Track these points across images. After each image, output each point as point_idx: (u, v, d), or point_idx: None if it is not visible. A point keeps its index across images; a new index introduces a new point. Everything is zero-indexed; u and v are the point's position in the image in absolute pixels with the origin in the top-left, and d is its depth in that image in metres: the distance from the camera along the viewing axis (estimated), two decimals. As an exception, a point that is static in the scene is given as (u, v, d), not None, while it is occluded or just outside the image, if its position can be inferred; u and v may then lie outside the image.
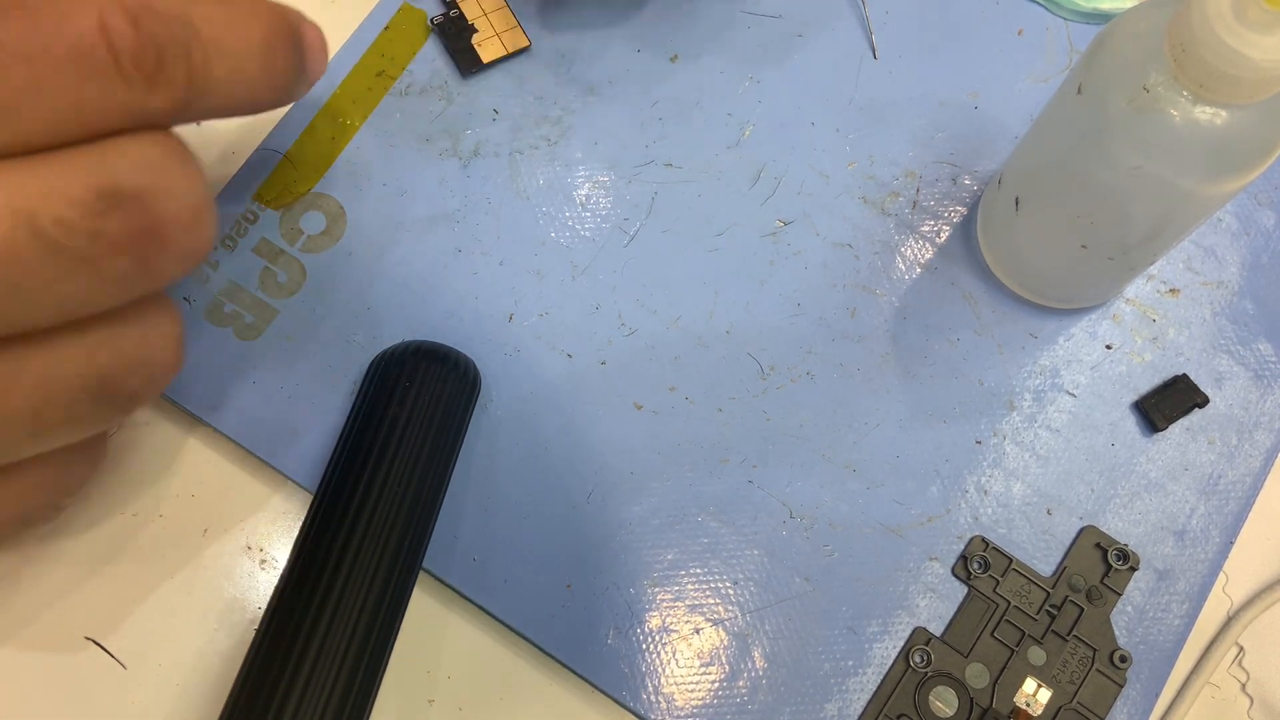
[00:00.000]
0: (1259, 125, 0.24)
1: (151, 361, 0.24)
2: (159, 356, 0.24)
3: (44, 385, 0.22)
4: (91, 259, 0.21)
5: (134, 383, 0.23)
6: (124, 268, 0.21)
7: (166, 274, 0.22)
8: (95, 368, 0.23)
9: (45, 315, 0.21)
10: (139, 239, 0.21)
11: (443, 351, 0.31)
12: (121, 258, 0.21)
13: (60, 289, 0.21)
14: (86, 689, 0.30)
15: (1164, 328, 0.35)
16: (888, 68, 0.37)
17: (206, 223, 0.23)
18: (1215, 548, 0.33)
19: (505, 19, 0.36)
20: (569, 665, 0.31)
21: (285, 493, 0.33)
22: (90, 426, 0.23)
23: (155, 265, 0.22)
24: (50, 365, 0.22)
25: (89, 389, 0.23)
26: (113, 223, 0.21)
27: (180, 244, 0.22)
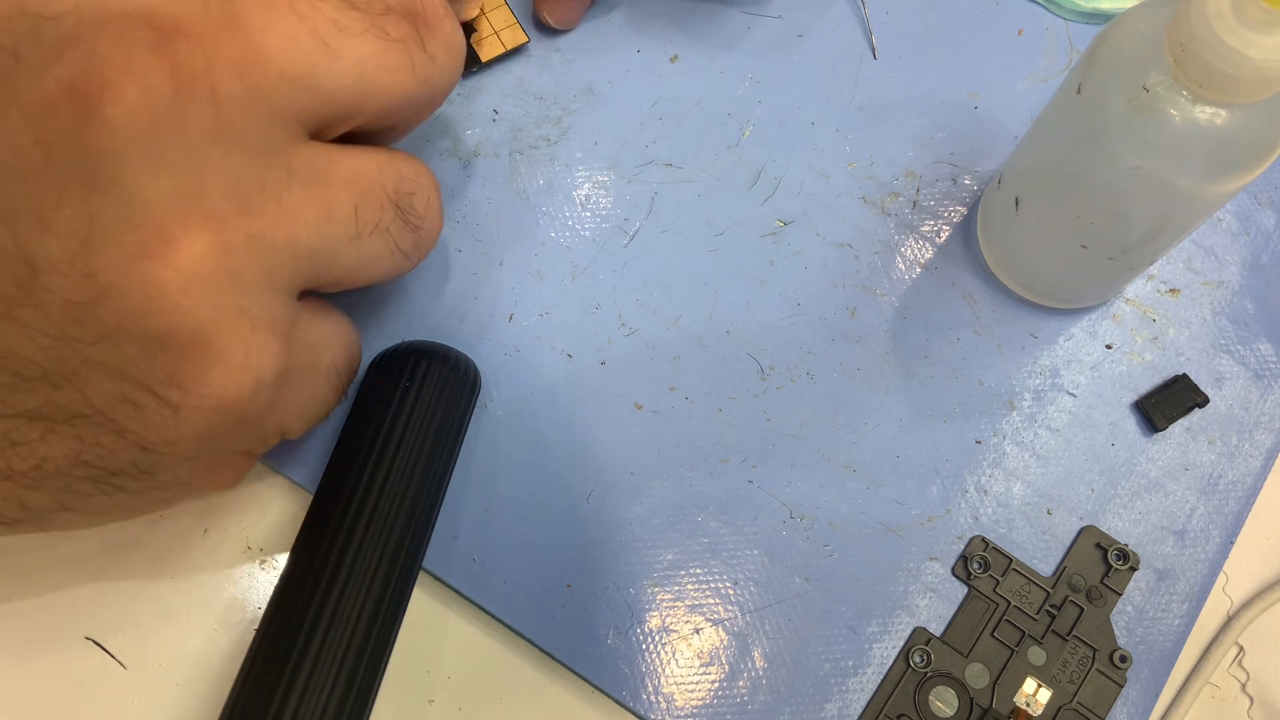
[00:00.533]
0: (1259, 125, 0.24)
1: (424, 188, 0.27)
2: (429, 188, 0.27)
3: (356, 181, 0.24)
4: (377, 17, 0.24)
5: (419, 204, 0.27)
6: (404, 31, 0.24)
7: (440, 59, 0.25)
8: (389, 178, 0.26)
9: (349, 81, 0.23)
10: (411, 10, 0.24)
11: (443, 351, 0.31)
12: (400, 21, 0.24)
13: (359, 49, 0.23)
14: (86, 689, 0.30)
15: (1164, 328, 0.35)
16: (888, 68, 0.37)
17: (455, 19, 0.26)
18: (1215, 548, 0.33)
19: (504, 17, 0.36)
20: (569, 665, 0.31)
21: (285, 493, 0.33)
22: (394, 248, 0.26)
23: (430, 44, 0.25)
24: (356, 164, 0.25)
25: (389, 194, 0.25)
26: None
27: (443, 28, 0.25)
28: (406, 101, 0.25)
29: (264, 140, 0.22)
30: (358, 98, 0.24)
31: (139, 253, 0.21)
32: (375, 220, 0.25)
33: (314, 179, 0.24)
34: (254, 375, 0.23)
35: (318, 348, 0.26)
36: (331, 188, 0.24)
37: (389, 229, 0.26)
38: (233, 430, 0.24)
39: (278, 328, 0.23)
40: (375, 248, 0.25)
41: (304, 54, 0.22)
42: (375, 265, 0.26)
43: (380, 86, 0.24)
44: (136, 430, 0.22)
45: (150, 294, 0.21)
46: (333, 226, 0.24)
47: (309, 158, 0.24)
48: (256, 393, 0.23)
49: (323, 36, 0.23)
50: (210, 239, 0.21)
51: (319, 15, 0.23)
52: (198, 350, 0.22)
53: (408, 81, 0.25)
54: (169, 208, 0.21)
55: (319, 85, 0.23)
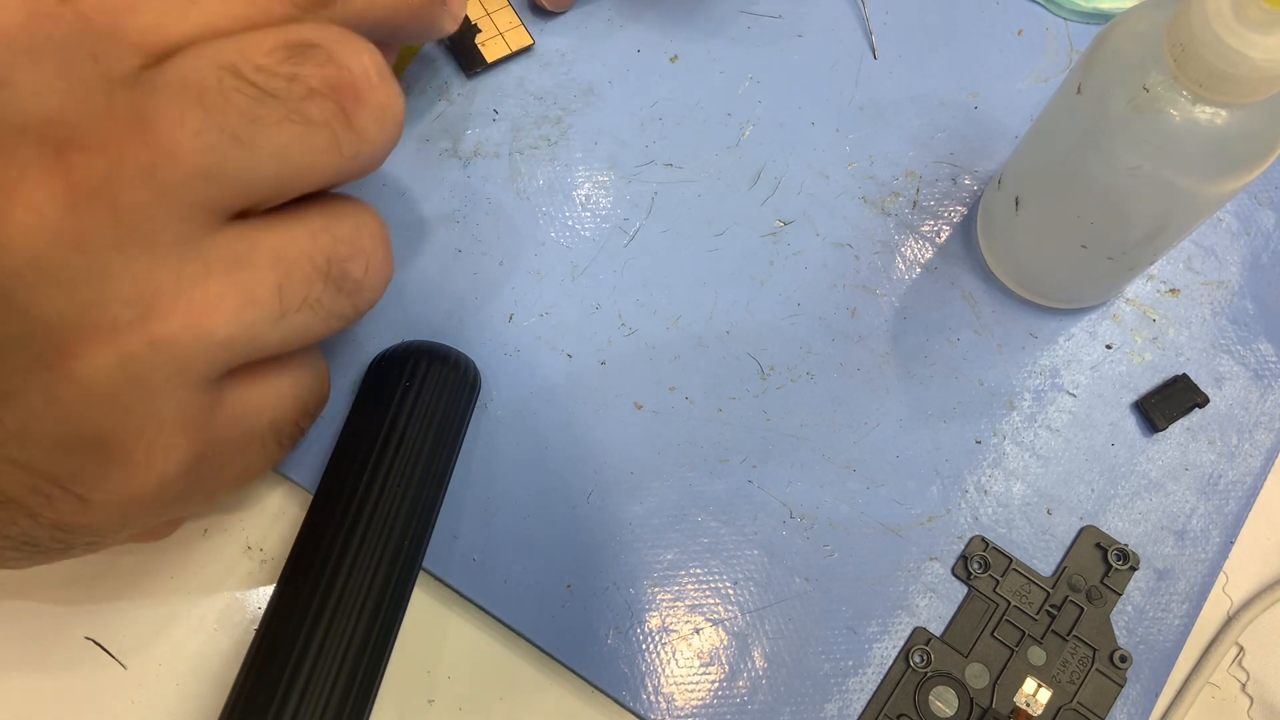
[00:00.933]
0: (1259, 125, 0.24)
1: (366, 251, 0.26)
2: (371, 248, 0.26)
3: (280, 260, 0.24)
4: (296, 102, 0.23)
5: (356, 270, 0.25)
6: (328, 112, 0.23)
7: (370, 134, 0.24)
8: (321, 248, 0.24)
9: (268, 170, 0.23)
10: (335, 88, 0.23)
11: (443, 351, 0.31)
12: (324, 102, 0.23)
13: (276, 138, 0.22)
14: (86, 689, 0.30)
15: (1164, 327, 0.35)
16: (888, 68, 0.37)
17: (392, 83, 0.25)
18: (1215, 548, 0.33)
19: (508, 18, 0.36)
20: (569, 665, 0.31)
21: (285, 493, 0.33)
22: (327, 314, 0.25)
23: (358, 120, 0.24)
24: (282, 241, 0.24)
25: (319, 267, 0.24)
26: (307, 68, 0.23)
27: (374, 99, 0.24)
28: (335, 178, 0.24)
29: (177, 237, 0.22)
30: (278, 183, 0.23)
31: (35, 364, 0.21)
32: (303, 296, 0.24)
33: (233, 265, 0.23)
34: (157, 475, 0.23)
35: (252, 416, 0.26)
36: (252, 270, 0.23)
37: (319, 300, 0.25)
38: (146, 515, 0.24)
39: (190, 421, 0.23)
40: (304, 320, 0.25)
41: (215, 149, 0.22)
42: (307, 334, 0.25)
43: (304, 169, 0.23)
44: (50, 516, 0.23)
45: (49, 403, 0.21)
46: (253, 310, 0.23)
47: (229, 243, 0.23)
48: (161, 489, 0.23)
49: (234, 131, 0.22)
50: (110, 350, 0.21)
51: (230, 108, 0.22)
52: (99, 454, 0.22)
53: (333, 160, 0.24)
54: (64, 322, 0.21)
55: (234, 177, 0.22)
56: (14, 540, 0.23)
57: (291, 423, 0.27)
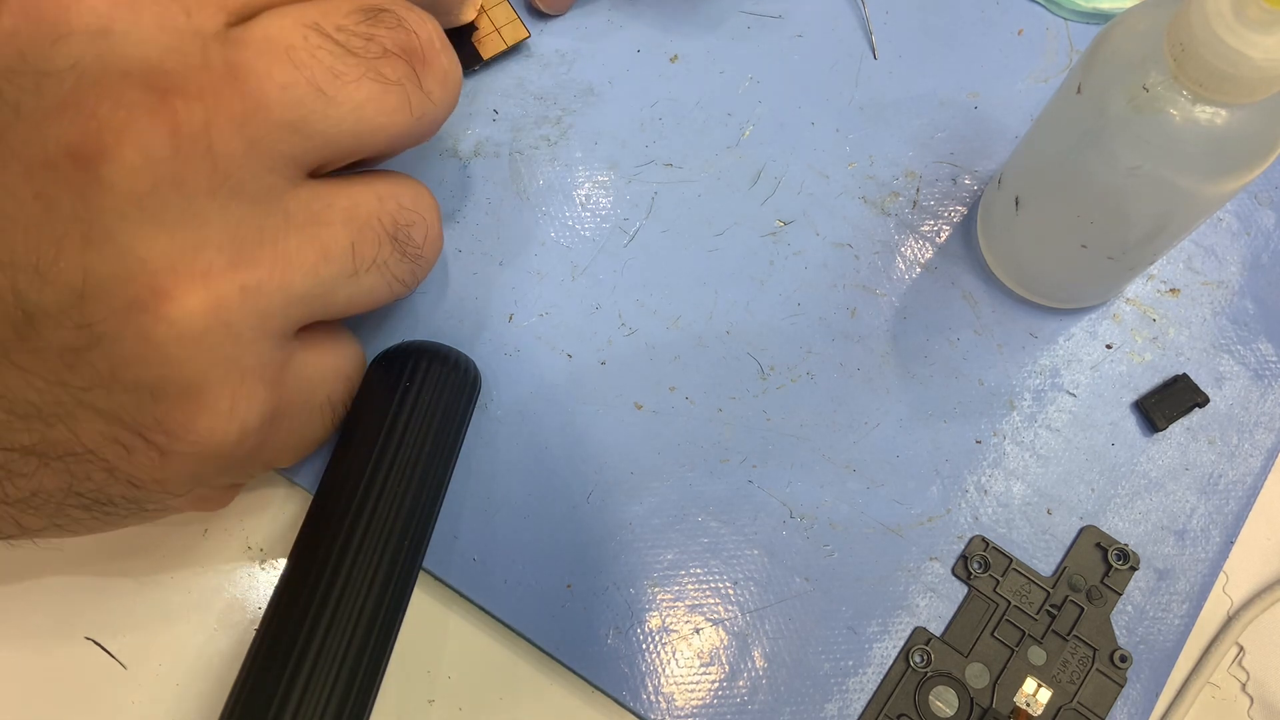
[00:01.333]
0: (1259, 125, 0.24)
1: (425, 219, 0.27)
2: (430, 217, 0.28)
3: (353, 219, 0.25)
4: (373, 61, 0.24)
5: (418, 235, 0.27)
6: (401, 72, 0.24)
7: (434, 94, 0.26)
8: (388, 211, 0.26)
9: (345, 126, 0.24)
10: (407, 50, 0.25)
11: (443, 351, 0.31)
12: (398, 62, 0.24)
13: (356, 93, 0.24)
14: (86, 689, 0.30)
15: (1164, 327, 0.35)
16: (888, 68, 0.37)
17: (452, 50, 0.26)
18: (1215, 548, 0.33)
19: (505, 13, 0.36)
20: (569, 665, 0.31)
21: (285, 493, 0.33)
22: (391, 278, 0.26)
23: (426, 82, 0.25)
24: (354, 201, 0.25)
25: (387, 228, 0.26)
26: (381, 30, 0.24)
27: (439, 63, 0.26)
28: (403, 138, 0.26)
29: (262, 188, 0.23)
30: (355, 139, 0.24)
31: (132, 306, 0.21)
32: (373, 256, 0.25)
33: (310, 220, 0.24)
34: (239, 423, 0.23)
35: (313, 384, 0.27)
36: (328, 227, 0.24)
37: (386, 262, 0.26)
38: (220, 471, 0.24)
39: (267, 374, 0.24)
40: (372, 282, 0.26)
41: (301, 102, 0.23)
42: (372, 297, 0.26)
43: (378, 127, 0.24)
44: (126, 470, 0.23)
45: (142, 345, 0.22)
46: (329, 267, 0.24)
47: (306, 199, 0.24)
48: (242, 439, 0.24)
49: (319, 84, 0.23)
50: (204, 294, 0.22)
51: (316, 63, 0.23)
52: (186, 400, 0.22)
53: (404, 120, 0.25)
54: (163, 263, 0.21)
55: (317, 130, 0.23)
56: (85, 498, 0.24)
57: (341, 399, 0.28)
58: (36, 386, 0.22)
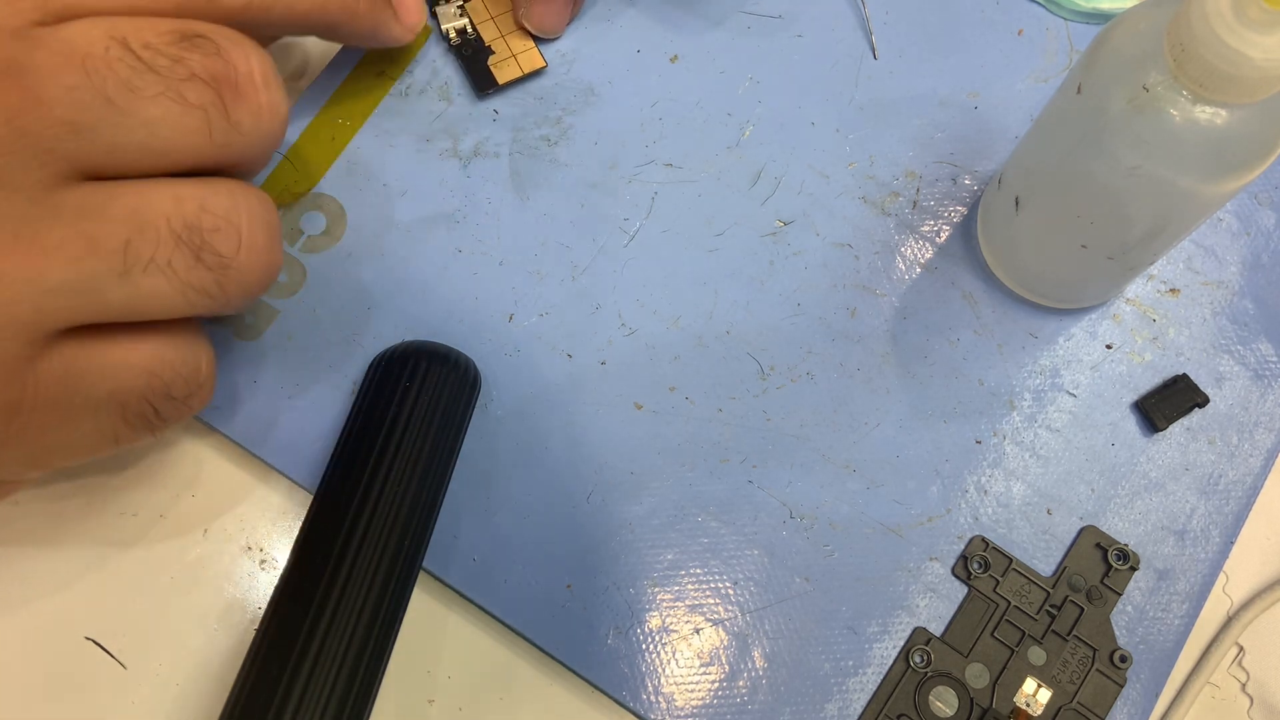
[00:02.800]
0: (1259, 125, 0.24)
1: (240, 229, 0.25)
2: (249, 229, 0.26)
3: (134, 216, 0.24)
4: (176, 82, 0.24)
5: (223, 244, 0.25)
6: (206, 98, 0.24)
7: (246, 126, 0.25)
8: (183, 213, 0.24)
9: (137, 138, 0.23)
10: (216, 78, 0.24)
11: (443, 351, 0.31)
12: (203, 88, 0.24)
13: (150, 109, 0.23)
14: (86, 689, 0.30)
15: (1164, 327, 0.35)
16: (888, 68, 0.37)
17: (276, 89, 0.26)
18: (1215, 548, 0.33)
19: (522, 41, 0.36)
20: (569, 665, 0.31)
21: (285, 493, 0.33)
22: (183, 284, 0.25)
23: (235, 113, 0.25)
24: (141, 200, 0.24)
25: (175, 230, 0.24)
26: (194, 56, 0.24)
27: (255, 97, 0.25)
28: (207, 160, 0.25)
29: (29, 180, 0.22)
30: (145, 153, 0.24)
31: None
32: (150, 256, 0.24)
33: (83, 215, 0.23)
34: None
35: (81, 382, 0.25)
36: (103, 223, 0.24)
37: (171, 266, 0.24)
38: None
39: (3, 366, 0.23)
40: (154, 285, 0.24)
41: (87, 107, 0.23)
42: (159, 303, 0.25)
43: (172, 146, 0.24)
44: None
45: None
46: (94, 261, 0.23)
47: (83, 195, 0.23)
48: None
49: (109, 94, 0.23)
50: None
51: (110, 73, 0.23)
52: None
53: (202, 143, 0.25)
54: None
55: (101, 137, 0.23)
56: None
57: (140, 399, 0.26)
58: None
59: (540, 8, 0.35)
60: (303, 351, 0.33)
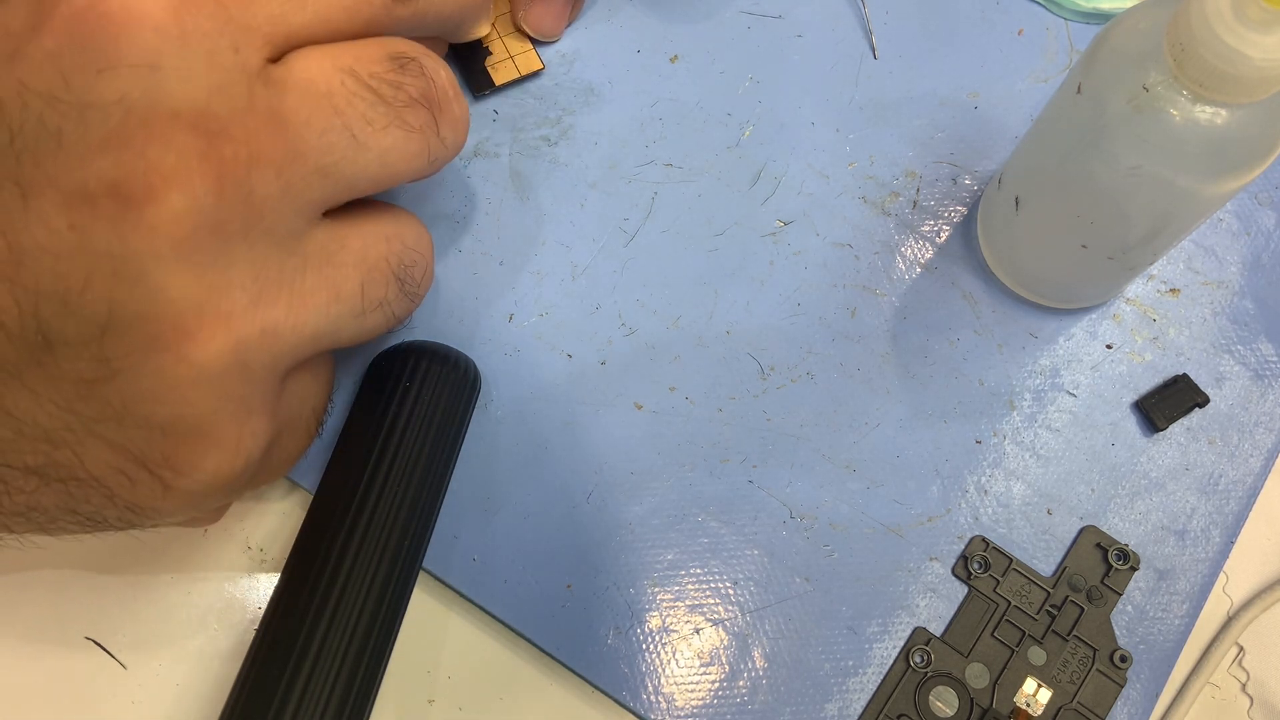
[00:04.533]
0: (1259, 125, 0.24)
1: (424, 257, 0.28)
2: (428, 255, 0.28)
3: (363, 261, 0.25)
4: (400, 109, 0.25)
5: (417, 274, 0.27)
6: (423, 120, 0.25)
7: (448, 139, 0.26)
8: (395, 252, 0.26)
9: (372, 171, 0.24)
10: (429, 98, 0.25)
11: (443, 351, 0.31)
12: (420, 110, 0.25)
13: (384, 140, 0.24)
14: (86, 689, 0.30)
15: (1164, 327, 0.35)
16: (888, 68, 0.37)
17: (463, 96, 0.27)
18: (1215, 548, 0.33)
19: (520, 43, 0.36)
20: (569, 665, 0.31)
21: (285, 493, 0.33)
22: (391, 315, 0.27)
23: (443, 129, 0.26)
24: (365, 243, 0.25)
25: (394, 270, 0.26)
26: (407, 78, 0.25)
27: (453, 110, 0.26)
28: (415, 180, 0.26)
29: (289, 231, 0.23)
30: (374, 184, 0.25)
31: (154, 344, 0.21)
32: (380, 297, 0.26)
33: (326, 262, 0.24)
34: (245, 458, 0.24)
35: (303, 401, 0.27)
36: (341, 269, 0.25)
37: (390, 302, 0.26)
38: (220, 499, 0.25)
39: (269, 407, 0.24)
40: (375, 320, 0.26)
41: (335, 148, 0.23)
42: (372, 334, 0.27)
43: (397, 173, 0.25)
44: (127, 498, 0.23)
45: (159, 383, 0.22)
46: (340, 306, 0.25)
47: (322, 240, 0.24)
48: (245, 471, 0.24)
49: (354, 131, 0.23)
50: (226, 336, 0.22)
51: (352, 110, 0.23)
52: (196, 438, 0.23)
53: (422, 166, 0.26)
54: (190, 304, 0.22)
55: (344, 175, 0.24)
56: (79, 516, 0.24)
57: (324, 409, 0.29)
58: (47, 410, 0.21)
59: (539, 9, 0.35)
60: (303, 351, 0.33)
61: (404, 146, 0.25)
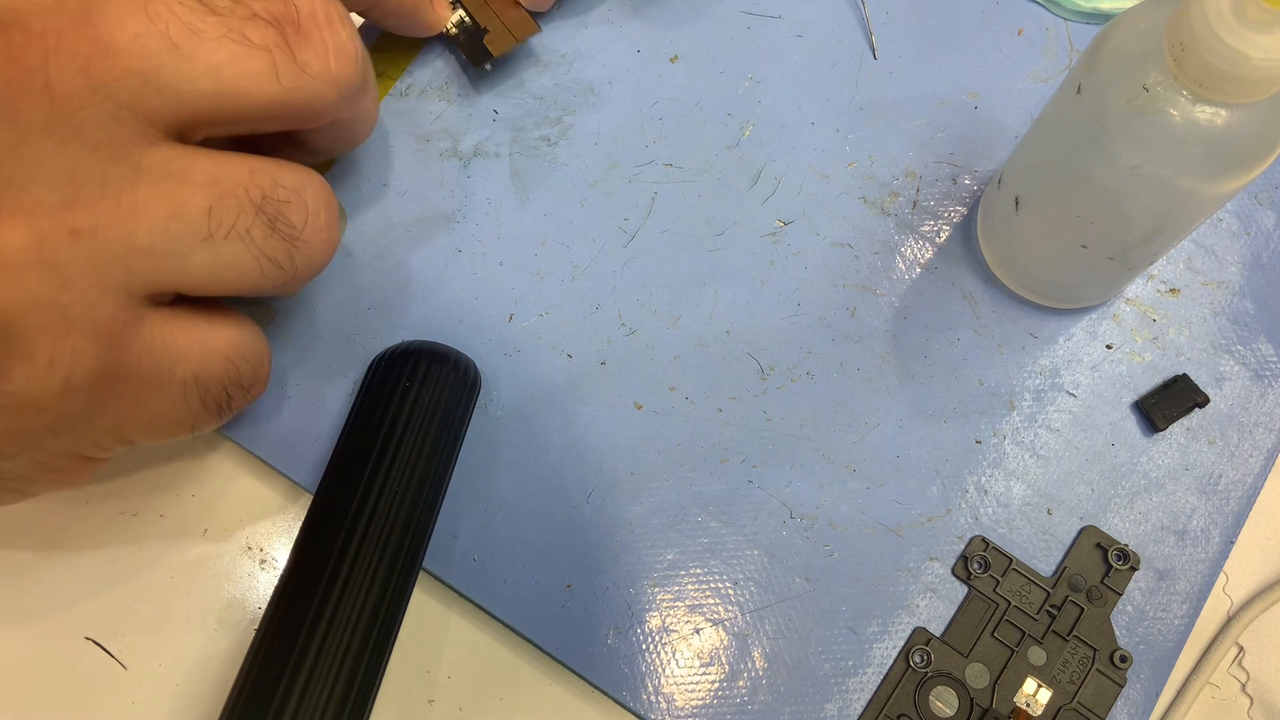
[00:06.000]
0: (1258, 125, 0.24)
1: (308, 204, 0.26)
2: (314, 206, 0.26)
3: (215, 183, 0.24)
4: (238, 21, 0.23)
5: (294, 216, 0.26)
6: (270, 39, 0.24)
7: (315, 69, 0.25)
8: (259, 184, 0.25)
9: (204, 85, 0.23)
10: (279, 18, 0.24)
11: (443, 351, 0.31)
12: (265, 28, 0.24)
13: (214, 53, 0.23)
14: (86, 689, 0.30)
15: (1164, 327, 0.35)
16: (888, 68, 0.37)
17: (345, 27, 0.26)
18: (1215, 548, 0.33)
19: (515, 11, 0.35)
20: (569, 665, 0.31)
21: (285, 493, 0.33)
22: (259, 254, 0.25)
23: (301, 53, 0.24)
24: (220, 167, 0.24)
25: (253, 199, 0.25)
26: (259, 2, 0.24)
27: (321, 36, 0.25)
28: (275, 108, 0.25)
29: (108, 136, 0.22)
30: (213, 100, 0.24)
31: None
32: (232, 223, 0.24)
33: (165, 177, 0.23)
34: (62, 376, 0.22)
35: (171, 357, 0.25)
36: (185, 186, 0.24)
37: (251, 234, 0.25)
38: (49, 431, 0.23)
39: (101, 330, 0.23)
40: (235, 252, 0.25)
41: (152, 54, 0.22)
42: (238, 271, 0.25)
43: (239, 91, 0.24)
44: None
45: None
46: (180, 224, 0.23)
47: (163, 157, 0.23)
48: (65, 394, 0.22)
49: (172, 38, 0.23)
50: (26, 230, 0.21)
51: (172, 17, 0.23)
52: (2, 344, 0.21)
53: (271, 89, 0.24)
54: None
55: (169, 86, 0.23)
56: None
57: (218, 385, 0.27)
58: None
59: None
60: (302, 352, 0.33)
61: (242, 63, 0.23)
